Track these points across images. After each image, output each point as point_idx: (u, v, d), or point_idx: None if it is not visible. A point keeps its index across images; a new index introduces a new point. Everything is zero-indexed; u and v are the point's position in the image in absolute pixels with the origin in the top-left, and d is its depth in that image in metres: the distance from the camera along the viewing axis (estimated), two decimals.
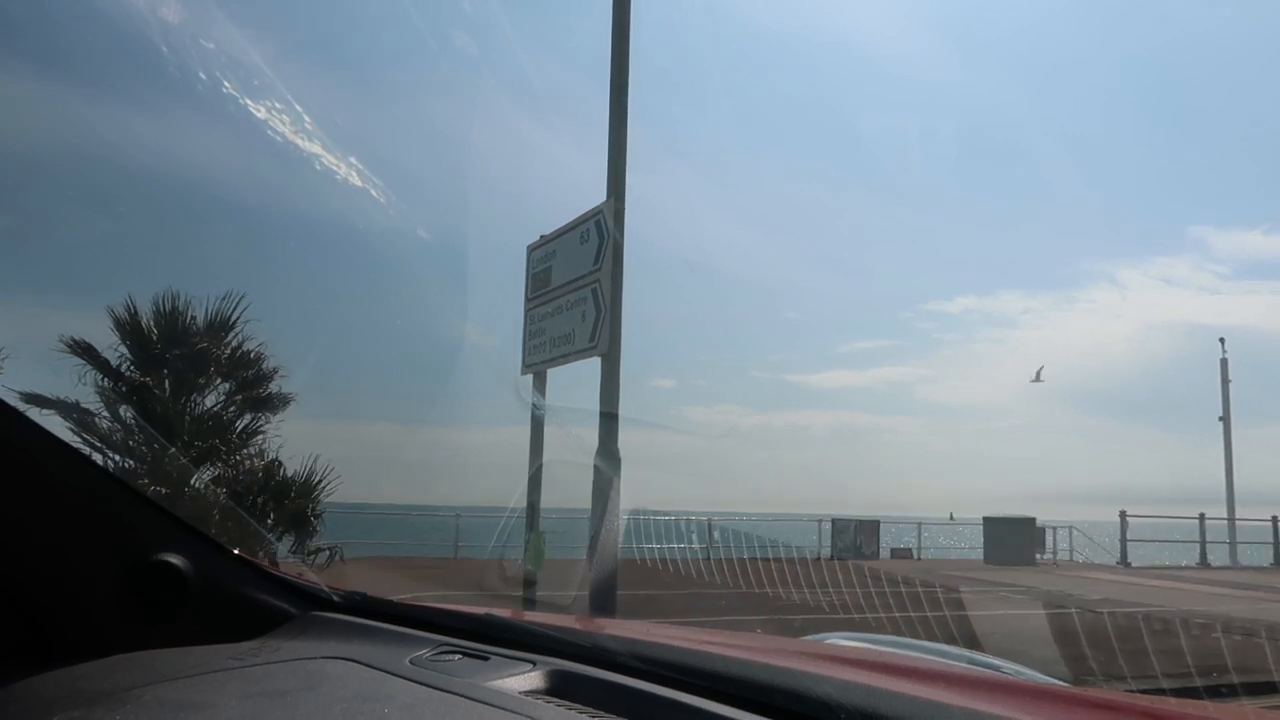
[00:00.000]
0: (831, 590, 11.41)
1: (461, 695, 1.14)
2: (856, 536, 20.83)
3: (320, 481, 9.85)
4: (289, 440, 10.05)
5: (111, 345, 9.67)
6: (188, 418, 9.58)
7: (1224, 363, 24.82)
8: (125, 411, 9.33)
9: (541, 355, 8.17)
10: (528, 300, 8.55)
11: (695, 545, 17.45)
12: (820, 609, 10.30)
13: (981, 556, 21.14)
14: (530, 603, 7.53)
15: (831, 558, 19.54)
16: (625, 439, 6.82)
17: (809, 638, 2.45)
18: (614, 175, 7.21)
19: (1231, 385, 24.31)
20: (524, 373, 8.47)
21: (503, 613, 1.57)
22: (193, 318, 10.04)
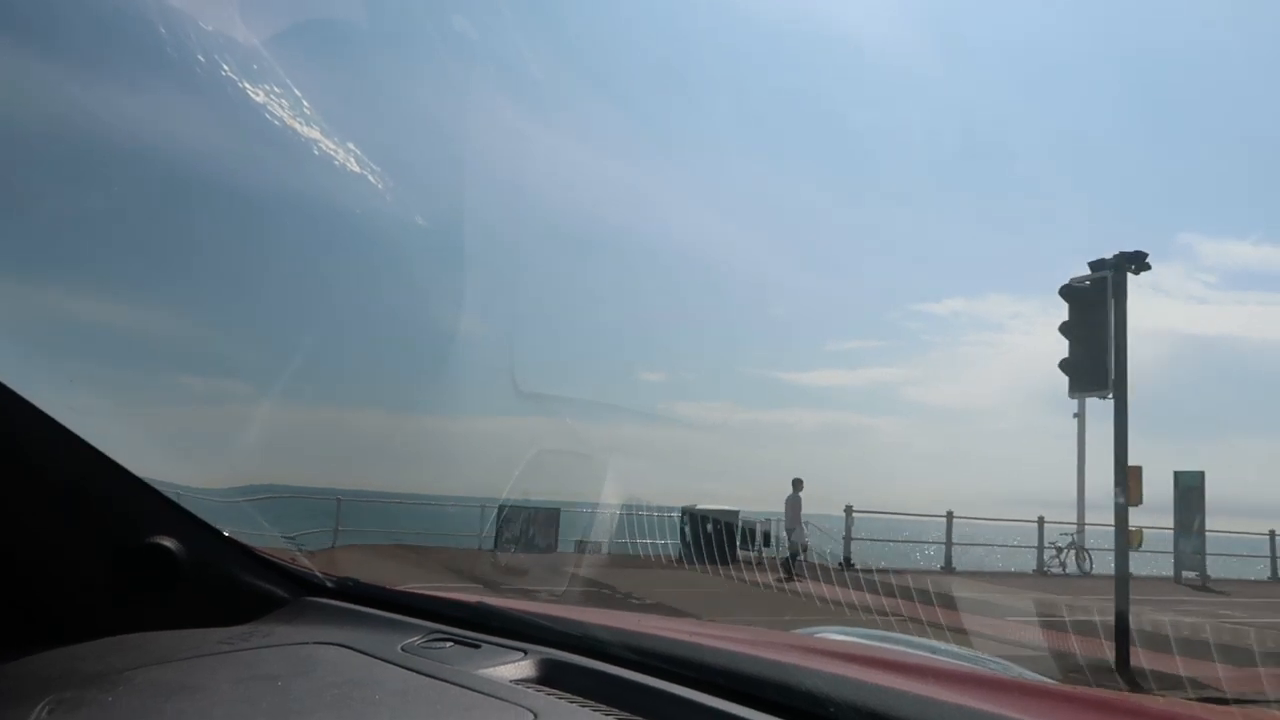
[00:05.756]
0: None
1: (452, 682, 1.14)
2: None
3: None
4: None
5: None
6: None
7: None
8: None
9: None
10: None
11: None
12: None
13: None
14: (522, 591, 7.55)
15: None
16: (617, 431, 6.82)
17: (800, 631, 2.46)
18: None
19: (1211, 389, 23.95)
20: None
21: (495, 601, 1.57)
22: None
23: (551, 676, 1.20)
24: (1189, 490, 19.79)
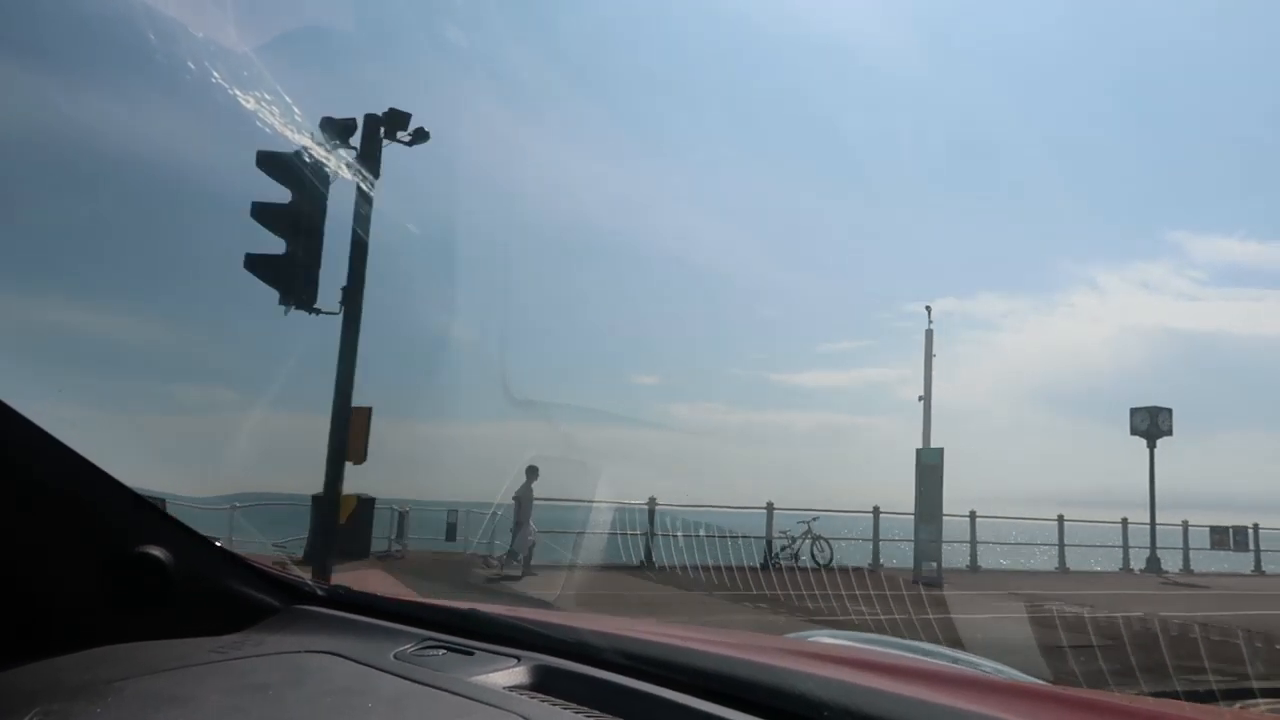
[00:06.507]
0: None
1: (445, 690, 1.14)
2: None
3: None
4: None
5: None
6: None
7: (929, 334, 18.93)
8: None
9: None
10: None
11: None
12: None
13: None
14: (515, 597, 7.55)
15: None
16: (612, 434, 6.83)
17: (792, 635, 2.46)
18: None
19: (1203, 387, 23.73)
20: None
21: (487, 607, 1.57)
22: None
23: (545, 683, 1.20)
24: (928, 470, 16.26)
